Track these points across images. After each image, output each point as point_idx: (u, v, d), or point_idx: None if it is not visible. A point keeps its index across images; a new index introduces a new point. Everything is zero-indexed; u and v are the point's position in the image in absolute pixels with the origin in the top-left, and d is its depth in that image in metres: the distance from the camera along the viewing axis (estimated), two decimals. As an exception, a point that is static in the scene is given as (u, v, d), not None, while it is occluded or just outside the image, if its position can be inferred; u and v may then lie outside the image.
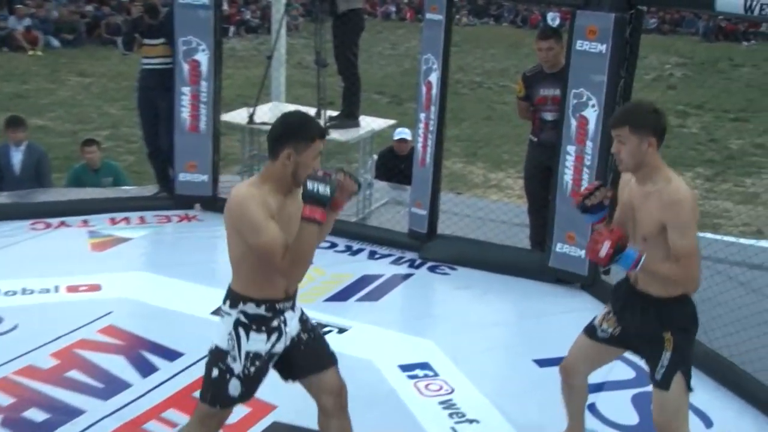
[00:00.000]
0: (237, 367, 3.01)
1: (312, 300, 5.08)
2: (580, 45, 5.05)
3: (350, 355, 4.43)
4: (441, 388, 4.20)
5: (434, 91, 5.65)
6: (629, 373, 4.45)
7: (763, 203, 9.73)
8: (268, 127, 6.90)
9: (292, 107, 7.03)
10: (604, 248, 3.05)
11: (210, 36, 6.20)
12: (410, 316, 5.16)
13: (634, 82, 5.21)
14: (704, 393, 4.23)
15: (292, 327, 3.12)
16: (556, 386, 4.26)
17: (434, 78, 5.64)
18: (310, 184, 2.81)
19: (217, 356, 3.06)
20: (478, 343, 4.69)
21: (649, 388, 4.24)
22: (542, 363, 4.50)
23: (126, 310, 4.85)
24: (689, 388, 3.26)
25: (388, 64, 15.42)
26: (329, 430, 3.21)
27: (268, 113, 6.92)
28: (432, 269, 5.71)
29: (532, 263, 5.58)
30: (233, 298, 3.03)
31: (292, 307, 3.11)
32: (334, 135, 6.44)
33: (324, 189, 2.81)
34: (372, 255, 5.90)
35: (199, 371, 4.16)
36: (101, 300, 4.96)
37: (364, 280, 5.46)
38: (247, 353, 3.01)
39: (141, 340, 4.52)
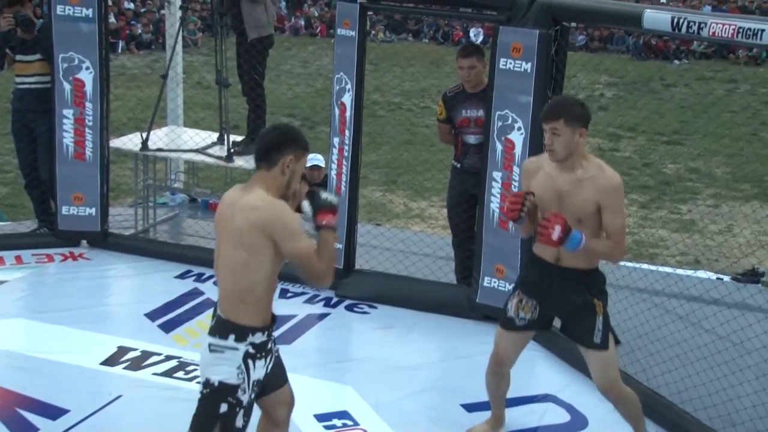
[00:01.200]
0: (245, 398, 3.18)
1: (216, 346, 5.04)
2: (504, 63, 5.18)
3: (260, 406, 4.42)
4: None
5: (349, 113, 5.70)
6: (564, 416, 4.54)
7: (699, 231, 10.03)
8: (164, 154, 6.93)
9: (191, 132, 7.06)
10: (556, 232, 3.56)
11: (95, 52, 6.11)
12: (327, 360, 5.15)
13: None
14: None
15: None
16: (486, 433, 4.32)
17: (348, 99, 5.69)
18: (323, 194, 3.21)
19: (224, 391, 3.15)
20: (401, 388, 4.71)
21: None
22: (470, 408, 4.55)
23: (0, 363, 4.70)
24: (617, 341, 3.92)
25: (298, 84, 15.47)
26: None
27: (164, 138, 6.87)
28: (350, 308, 5.73)
29: (458, 299, 5.64)
30: (240, 331, 3.16)
31: None
32: (239, 162, 6.44)
33: (333, 196, 3.26)
34: (284, 294, 5.87)
35: (86, 429, 4.10)
36: (-28, 352, 4.81)
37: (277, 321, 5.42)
38: (254, 382, 3.21)
39: (18, 397, 4.38)
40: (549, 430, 4.41)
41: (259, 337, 3.19)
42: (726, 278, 6.87)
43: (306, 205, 3.22)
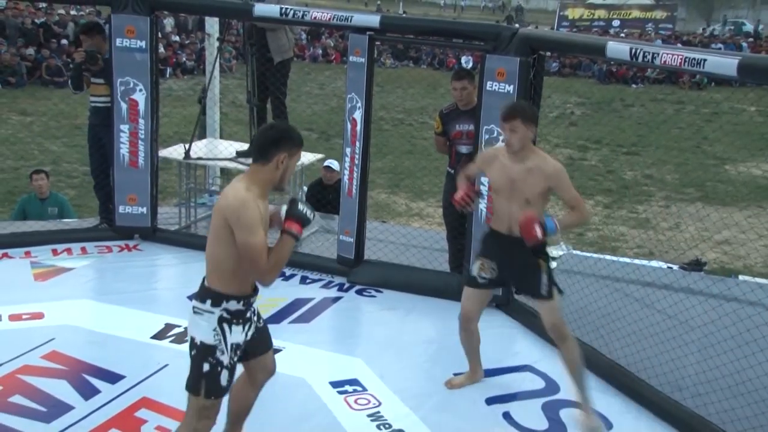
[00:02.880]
0: (225, 359, 3.10)
1: (247, 323, 5.05)
2: (490, 86, 5.18)
3: (284, 374, 4.40)
4: (369, 402, 4.21)
5: (359, 127, 5.70)
6: (540, 383, 4.54)
7: (653, 228, 10.04)
8: (204, 162, 6.95)
9: (226, 143, 7.06)
10: (538, 230, 3.84)
11: (147, 76, 6.12)
12: (340, 336, 5.16)
13: (538, 120, 5.35)
14: (605, 399, 4.35)
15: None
16: (474, 397, 4.33)
17: (359, 115, 5.69)
18: (300, 206, 3.10)
19: (205, 352, 3.09)
20: (403, 360, 4.72)
21: (557, 396, 4.39)
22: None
23: (69, 336, 4.71)
24: (560, 291, 4.12)
25: (315, 103, 15.47)
26: (249, 398, 3.47)
27: (203, 149, 6.88)
28: (359, 292, 5.73)
29: (451, 285, 5.63)
30: (215, 297, 3.08)
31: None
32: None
33: (310, 213, 3.13)
34: (303, 280, 5.88)
35: (139, 393, 4.12)
36: (44, 327, 4.81)
37: (296, 304, 5.43)
38: (232, 345, 3.11)
39: (83, 364, 4.39)
40: (527, 394, 4.41)
41: (233, 305, 3.09)
42: (675, 267, 6.87)
43: (283, 209, 3.12)
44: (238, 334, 3.13)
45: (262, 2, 6.00)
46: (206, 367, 3.09)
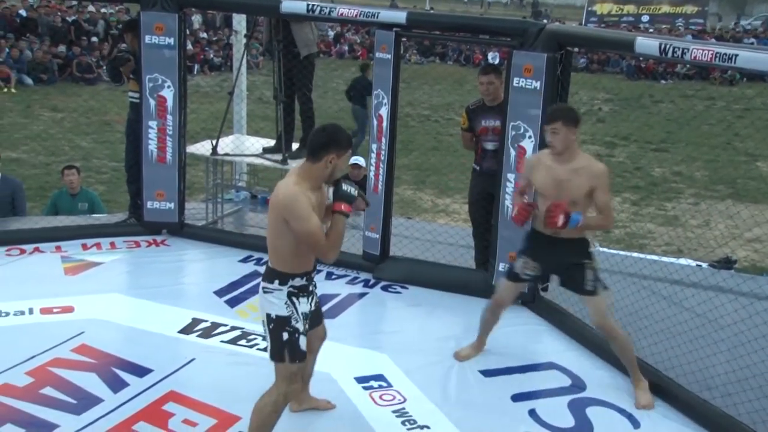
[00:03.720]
0: (300, 326, 3.47)
1: (273, 318, 5.07)
2: (517, 82, 5.15)
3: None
4: (394, 398, 4.21)
5: (385, 123, 5.70)
6: (566, 381, 4.51)
7: (681, 225, 9.93)
8: (231, 158, 6.99)
9: (252, 139, 7.10)
10: (561, 219, 3.98)
11: (175, 73, 6.16)
12: (365, 332, 5.16)
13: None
14: (631, 397, 4.32)
15: None
16: (500, 394, 4.32)
17: (385, 112, 5.69)
18: (344, 186, 3.43)
19: (281, 323, 3.44)
20: (428, 356, 4.71)
21: (583, 393, 4.36)
22: (487, 373, 4.54)
23: (98, 330, 4.77)
24: (605, 287, 4.29)
25: (342, 99, 15.43)
26: (309, 363, 3.81)
27: (230, 145, 6.92)
28: (385, 288, 5.73)
29: (476, 282, 5.63)
30: (281, 276, 3.43)
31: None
32: (293, 164, 6.45)
33: (354, 191, 3.44)
34: (329, 276, 5.90)
35: (166, 387, 4.16)
36: (74, 321, 4.87)
37: (322, 299, 5.34)
38: (303, 314, 3.48)
39: (112, 358, 4.44)
40: (553, 392, 4.39)
41: (298, 281, 3.45)
42: (704, 265, 6.79)
43: (330, 192, 3.46)
44: (305, 305, 3.50)
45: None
46: (285, 336, 3.43)
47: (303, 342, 3.48)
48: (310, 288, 3.56)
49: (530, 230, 4.37)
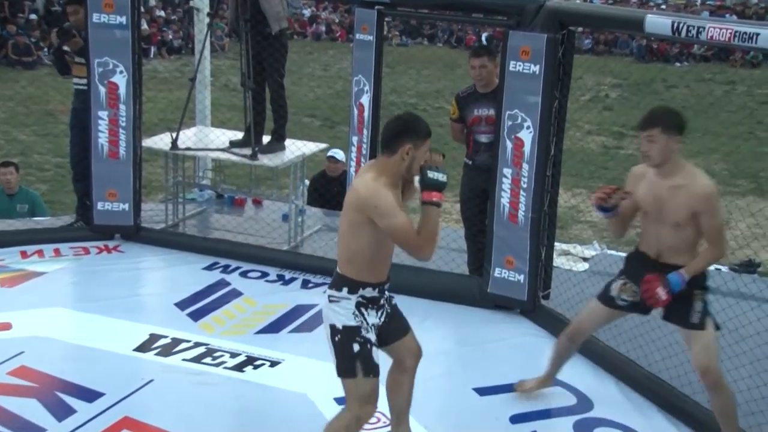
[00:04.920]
0: (372, 337, 3.51)
1: (243, 332, 5.07)
2: (514, 66, 5.17)
3: (284, 389, 4.46)
4: (379, 420, 4.17)
5: (367, 113, 5.71)
6: (571, 400, 4.53)
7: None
8: (193, 153, 6.95)
9: (218, 131, 7.07)
10: (662, 293, 3.80)
11: (128, 57, 6.12)
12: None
13: (569, 103, 5.34)
14: (643, 416, 4.36)
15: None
16: (497, 415, 4.32)
17: (366, 100, 5.69)
18: (430, 173, 3.39)
19: (350, 334, 3.46)
20: (417, 373, 4.69)
21: (590, 413, 4.37)
22: (482, 392, 4.55)
23: (40, 350, 4.73)
24: (717, 327, 3.98)
25: (319, 86, 15.49)
26: (403, 384, 3.79)
27: (192, 138, 6.89)
28: (366, 298, 5.73)
29: (470, 289, 5.64)
30: (351, 284, 3.47)
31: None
32: (263, 160, 6.45)
33: (442, 177, 3.41)
34: (305, 284, 5.89)
35: (120, 412, 4.12)
36: (12, 339, 4.82)
37: (297, 311, 5.44)
38: (372, 325, 3.52)
39: (56, 381, 4.40)
40: (556, 412, 4.40)
41: (369, 292, 3.49)
42: (723, 268, 6.83)
43: (416, 182, 3.49)
44: (374, 317, 3.54)
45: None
46: (356, 347, 3.45)
47: (375, 353, 3.50)
48: (381, 301, 3.59)
49: (634, 250, 4.16)
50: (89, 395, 4.27)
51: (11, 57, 18.06)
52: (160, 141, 6.79)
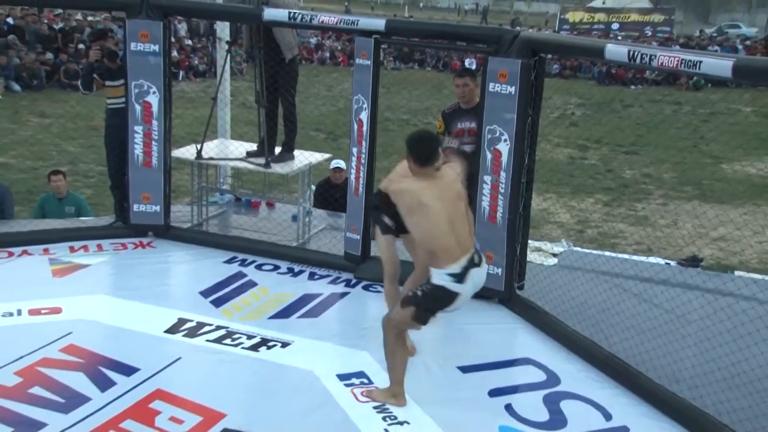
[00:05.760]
0: None
1: (258, 318, 5.06)
2: (493, 87, 5.17)
3: (293, 367, 4.45)
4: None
5: (365, 127, 5.70)
6: (541, 376, 4.53)
7: (651, 225, 10.00)
8: (215, 162, 6.95)
9: (236, 143, 7.07)
10: None
11: (160, 79, 6.13)
12: (347, 330, 5.14)
13: (540, 119, 5.35)
14: (603, 390, 4.36)
15: None
16: (477, 390, 4.32)
17: (365, 116, 5.69)
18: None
19: None
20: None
21: (558, 388, 4.37)
22: (465, 369, 4.55)
23: (86, 330, 4.73)
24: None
25: (323, 104, 15.44)
26: None
27: (214, 149, 6.88)
28: (366, 288, 5.73)
29: (454, 280, 5.62)
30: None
31: None
32: (276, 168, 6.45)
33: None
34: (312, 276, 5.89)
35: (153, 385, 4.12)
36: (62, 321, 4.83)
37: (304, 299, 5.44)
38: None
39: (100, 357, 4.41)
40: (528, 387, 4.40)
41: None
42: (672, 263, 6.84)
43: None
44: None
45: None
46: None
47: None
48: None
49: None
50: (127, 370, 4.27)
51: (63, 81, 18.07)
52: (187, 152, 6.78)
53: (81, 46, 19.73)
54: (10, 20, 19.51)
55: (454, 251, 3.72)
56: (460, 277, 3.73)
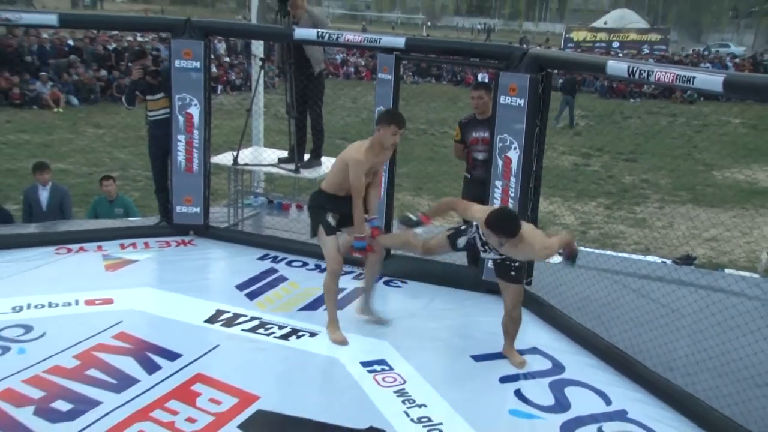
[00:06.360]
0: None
1: (288, 309, 5.08)
2: (504, 99, 5.15)
3: (320, 354, 4.46)
4: (395, 380, 4.20)
5: (387, 137, 5.68)
6: (547, 364, 4.50)
7: (649, 226, 9.93)
8: (250, 167, 6.98)
9: (269, 151, 7.09)
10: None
11: (201, 93, 6.17)
12: (369, 322, 5.15)
13: (547, 129, 5.32)
14: (604, 377, 4.33)
15: None
16: (489, 376, 4.31)
17: (386, 127, 5.67)
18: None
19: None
20: (425, 343, 4.70)
21: (562, 375, 4.35)
22: (477, 358, 4.53)
23: (134, 319, 4.77)
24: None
25: (348, 115, 15.46)
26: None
27: (249, 156, 6.92)
28: (387, 283, 5.72)
29: (468, 277, 5.62)
30: None
31: None
32: (305, 173, 6.47)
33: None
34: (337, 271, 5.89)
35: (194, 369, 4.14)
36: (113, 311, 4.87)
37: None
38: None
39: (147, 344, 4.45)
40: (536, 374, 4.38)
41: None
42: (668, 262, 6.79)
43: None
44: None
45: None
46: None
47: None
48: None
49: None
50: (171, 355, 4.30)
51: (115, 95, 18.30)
52: (224, 158, 6.82)
53: (130, 64, 19.98)
54: (70, 42, 19.85)
55: None
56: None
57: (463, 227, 4.40)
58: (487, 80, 18.30)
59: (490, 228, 3.90)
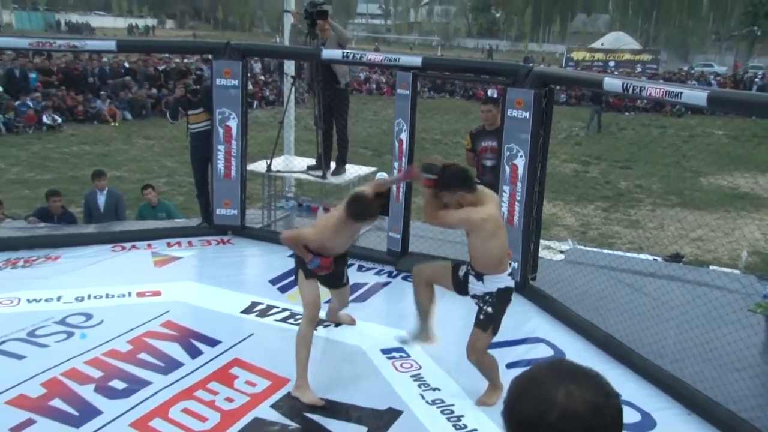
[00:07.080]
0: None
1: (316, 301, 5.07)
2: (511, 112, 5.11)
3: (345, 343, 4.45)
4: (412, 366, 4.19)
5: (405, 145, 5.68)
6: (549, 352, 4.46)
7: (642, 227, 9.82)
8: (281, 174, 6.98)
9: (299, 159, 7.11)
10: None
11: (238, 107, 6.19)
12: (389, 313, 5.13)
13: (550, 139, 5.27)
14: (600, 364, 4.25)
15: None
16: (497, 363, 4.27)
17: (404, 136, 5.67)
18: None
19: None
20: (440, 332, 4.66)
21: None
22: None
23: (180, 310, 4.80)
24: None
25: (370, 126, 15.48)
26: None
27: (281, 163, 6.94)
28: (405, 278, 5.69)
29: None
30: None
31: None
32: (331, 179, 6.47)
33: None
34: (360, 268, 5.88)
35: (232, 354, 4.15)
36: (161, 302, 4.91)
37: (354, 287, 5.38)
38: None
39: (190, 332, 4.47)
40: (538, 360, 4.32)
41: None
42: (659, 259, 6.70)
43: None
44: None
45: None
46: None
47: None
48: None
49: None
50: (211, 342, 4.32)
51: (164, 110, 18.53)
52: (259, 166, 6.85)
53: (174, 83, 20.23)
54: (126, 64, 20.20)
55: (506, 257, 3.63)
56: (513, 273, 3.68)
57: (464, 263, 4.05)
58: (495, 95, 18.25)
59: (443, 185, 3.52)
